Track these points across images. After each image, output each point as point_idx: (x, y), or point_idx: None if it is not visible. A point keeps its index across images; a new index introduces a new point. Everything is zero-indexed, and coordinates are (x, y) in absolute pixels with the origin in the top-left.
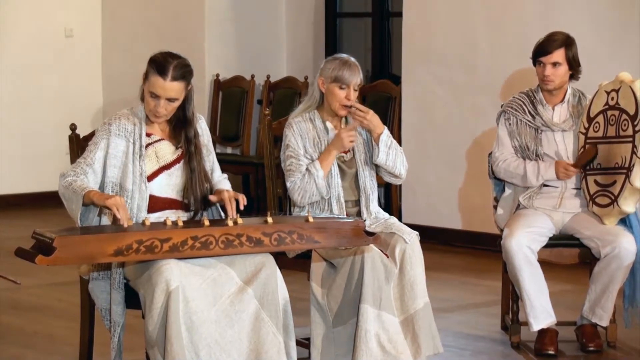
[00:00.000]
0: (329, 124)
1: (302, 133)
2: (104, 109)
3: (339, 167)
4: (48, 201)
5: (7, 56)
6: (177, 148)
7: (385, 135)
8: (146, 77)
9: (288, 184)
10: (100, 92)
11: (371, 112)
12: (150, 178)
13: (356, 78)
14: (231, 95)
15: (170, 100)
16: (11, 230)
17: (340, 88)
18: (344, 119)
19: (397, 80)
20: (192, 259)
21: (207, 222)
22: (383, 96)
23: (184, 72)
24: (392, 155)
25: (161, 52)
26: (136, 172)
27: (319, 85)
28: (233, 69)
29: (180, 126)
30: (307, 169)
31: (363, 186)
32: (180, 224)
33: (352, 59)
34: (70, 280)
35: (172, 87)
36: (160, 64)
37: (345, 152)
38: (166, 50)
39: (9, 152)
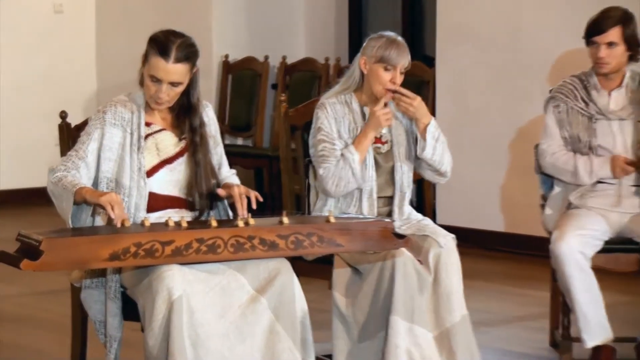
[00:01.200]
0: (367, 110)
1: (336, 115)
2: (98, 95)
3: (375, 159)
4: (35, 199)
5: None
6: (180, 139)
7: (433, 126)
8: (146, 58)
9: (321, 171)
10: (94, 75)
11: (418, 98)
12: (150, 173)
13: (404, 59)
14: (242, 78)
15: (173, 84)
16: None
17: (386, 70)
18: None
19: (430, 62)
20: (197, 265)
21: (214, 223)
22: (414, 80)
23: (189, 52)
24: (439, 150)
25: (162, 31)
26: (134, 166)
27: (361, 65)
28: (244, 49)
29: (184, 114)
30: (341, 154)
31: (399, 183)
32: (184, 224)
33: (400, 38)
34: (60, 288)
35: (175, 70)
36: (162, 43)
37: (383, 143)
38: (168, 29)
39: None
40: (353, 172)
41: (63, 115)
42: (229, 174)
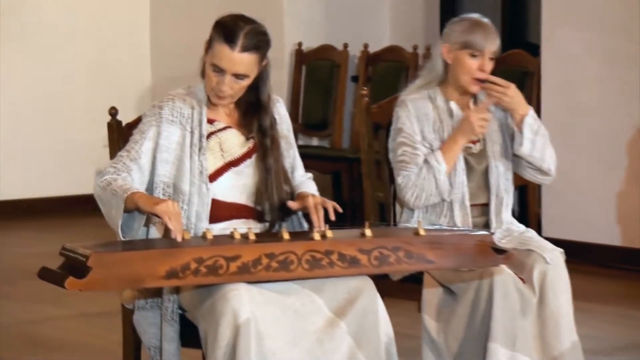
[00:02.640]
0: (454, 105)
1: (419, 114)
2: (153, 88)
3: (465, 160)
4: (82, 207)
5: (29, 22)
6: (247, 139)
7: (531, 117)
8: (209, 45)
9: (399, 180)
10: (148, 66)
11: (513, 86)
12: (213, 177)
13: (492, 43)
14: (318, 70)
15: (237, 76)
16: (35, 244)
17: (472, 56)
18: (473, 98)
19: (535, 51)
20: (267, 284)
21: (286, 236)
22: (516, 71)
23: (259, 41)
24: (539, 144)
25: (231, 15)
26: (195, 169)
27: (443, 54)
28: (320, 36)
29: (252, 112)
30: (425, 161)
31: (495, 187)
32: (252, 237)
33: (486, 19)
34: (110, 310)
35: (241, 60)
36: (229, 29)
37: (474, 142)
38: (238, 13)
39: (32, 144)
40: (437, 184)
41: (113, 112)
42: (304, 179)
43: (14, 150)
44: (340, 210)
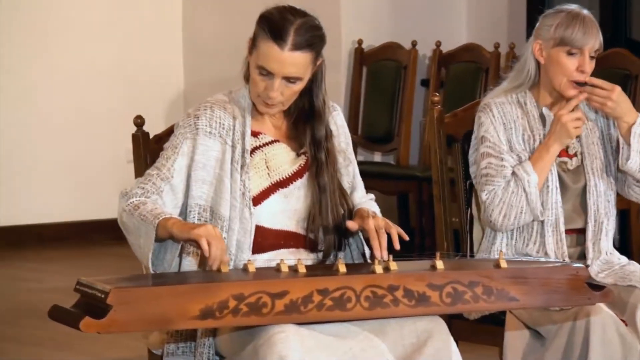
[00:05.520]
0: (546, 111)
1: (505, 121)
2: (186, 94)
3: (560, 178)
4: (101, 234)
5: (43, 16)
6: (298, 155)
7: None
8: (254, 44)
9: (483, 196)
10: (181, 67)
11: (618, 89)
12: (258, 200)
13: (593, 39)
14: (381, 72)
15: (289, 80)
16: (45, 278)
17: (569, 54)
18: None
19: (638, 50)
20: (320, 325)
21: (342, 268)
22: (617, 73)
23: (312, 37)
24: None
25: (277, 7)
26: (236, 190)
27: (535, 53)
28: (383, 32)
29: (304, 122)
30: (512, 173)
31: (594, 209)
32: (303, 270)
33: (586, 11)
34: (134, 356)
35: (293, 60)
36: (276, 24)
37: (570, 156)
38: (285, 5)
39: (41, 161)
40: (527, 198)
41: (139, 122)
42: (364, 200)
43: (20, 168)
44: (406, 237)
